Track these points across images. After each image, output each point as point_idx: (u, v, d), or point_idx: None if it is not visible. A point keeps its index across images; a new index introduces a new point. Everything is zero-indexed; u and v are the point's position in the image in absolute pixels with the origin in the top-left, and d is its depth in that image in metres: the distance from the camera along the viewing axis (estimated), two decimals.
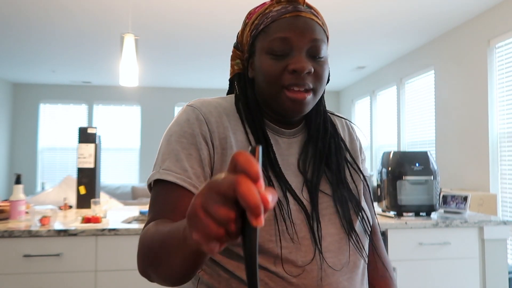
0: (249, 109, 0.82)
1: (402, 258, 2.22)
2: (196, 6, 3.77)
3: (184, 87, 7.90)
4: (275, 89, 0.77)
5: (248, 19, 0.84)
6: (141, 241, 0.67)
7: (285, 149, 0.83)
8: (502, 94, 3.67)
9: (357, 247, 0.79)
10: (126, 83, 3.04)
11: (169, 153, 0.76)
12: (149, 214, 0.75)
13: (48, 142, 7.64)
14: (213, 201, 0.39)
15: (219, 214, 0.39)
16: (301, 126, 0.87)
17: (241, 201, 0.37)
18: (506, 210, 3.61)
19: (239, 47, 0.88)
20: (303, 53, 0.76)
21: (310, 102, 0.78)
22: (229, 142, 0.78)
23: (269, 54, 0.77)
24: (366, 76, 6.78)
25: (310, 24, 0.77)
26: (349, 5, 3.73)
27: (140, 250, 0.67)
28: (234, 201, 0.39)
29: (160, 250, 0.59)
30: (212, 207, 0.39)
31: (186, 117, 0.79)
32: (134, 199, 6.43)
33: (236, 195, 0.38)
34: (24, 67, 6.24)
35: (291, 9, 0.78)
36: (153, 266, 0.63)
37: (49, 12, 3.92)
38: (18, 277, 1.96)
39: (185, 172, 0.73)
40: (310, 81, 0.77)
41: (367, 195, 0.91)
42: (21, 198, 2.26)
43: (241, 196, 0.37)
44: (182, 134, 0.77)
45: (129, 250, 2.05)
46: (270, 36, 0.77)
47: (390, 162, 2.32)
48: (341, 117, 0.95)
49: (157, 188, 0.75)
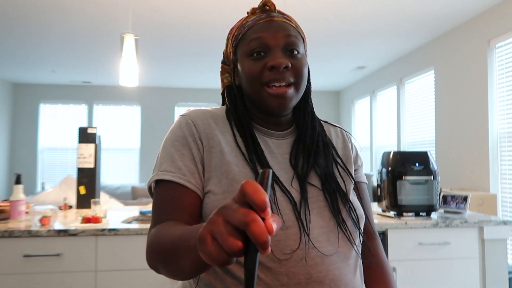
0: (237, 114, 0.87)
1: (402, 258, 2.22)
2: (196, 6, 3.77)
3: (184, 87, 7.90)
4: (257, 87, 0.82)
5: (230, 34, 0.91)
6: (151, 239, 0.72)
7: (275, 148, 0.86)
8: (502, 94, 3.67)
9: (347, 237, 0.80)
10: (126, 83, 3.04)
11: (164, 157, 0.82)
12: (154, 214, 0.80)
13: (48, 142, 7.64)
14: (222, 231, 0.44)
15: (227, 243, 0.43)
16: (291, 129, 0.90)
17: (252, 238, 0.42)
18: (506, 210, 3.61)
19: (226, 62, 0.94)
20: (279, 51, 0.82)
21: (293, 96, 0.83)
22: (216, 140, 0.83)
23: (249, 56, 0.83)
24: (366, 76, 6.78)
25: (283, 25, 0.84)
26: (350, 5, 3.73)
27: (151, 247, 0.71)
28: (242, 231, 0.44)
29: (171, 251, 0.64)
30: (220, 236, 0.44)
31: (178, 125, 0.86)
32: (134, 199, 6.42)
33: (246, 231, 0.42)
34: (24, 67, 6.24)
35: (265, 16, 0.85)
36: (163, 263, 0.67)
37: (49, 12, 3.92)
38: (18, 277, 1.96)
39: (179, 170, 0.80)
40: (290, 76, 0.81)
41: (364, 199, 0.93)
42: (21, 198, 2.26)
43: (252, 235, 0.42)
44: (175, 139, 0.83)
45: (129, 250, 2.05)
46: (248, 40, 0.84)
47: (390, 162, 2.32)
48: (336, 126, 0.99)
49: (158, 189, 0.81)
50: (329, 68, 6.22)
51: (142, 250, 2.06)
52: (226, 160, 0.80)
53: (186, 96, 7.92)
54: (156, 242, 0.70)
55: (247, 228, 0.42)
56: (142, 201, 5.51)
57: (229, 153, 0.82)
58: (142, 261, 2.06)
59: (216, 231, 0.44)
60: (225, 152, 0.81)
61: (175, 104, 7.90)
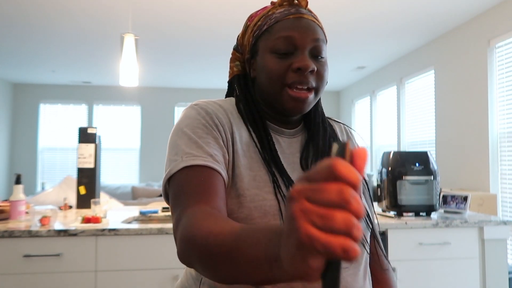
0: (250, 109, 0.83)
1: (402, 258, 2.22)
2: (196, 6, 3.77)
3: (184, 87, 7.90)
4: (278, 87, 0.79)
5: (249, 22, 0.86)
6: (188, 237, 0.59)
7: (286, 148, 0.84)
8: (502, 94, 3.67)
9: (361, 240, 0.79)
10: (126, 83, 3.04)
11: (186, 144, 0.74)
12: (182, 199, 0.68)
13: (48, 142, 7.64)
14: (326, 213, 0.34)
15: (339, 219, 0.34)
16: (300, 127, 0.88)
17: (354, 214, 0.34)
18: (506, 210, 3.61)
19: (239, 49, 0.90)
20: (306, 52, 0.78)
21: (311, 101, 0.80)
22: (235, 137, 0.79)
23: (273, 53, 0.79)
24: (366, 76, 6.77)
25: (313, 25, 0.80)
26: (349, 5, 3.73)
27: (189, 245, 0.59)
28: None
29: (222, 256, 0.52)
30: (328, 217, 0.34)
31: (196, 112, 0.79)
32: (134, 199, 6.42)
33: (347, 207, 0.34)
34: (24, 67, 6.24)
35: (294, 11, 0.80)
36: (205, 265, 0.56)
37: (49, 12, 3.92)
38: (18, 277, 1.96)
39: (211, 157, 0.72)
40: (313, 80, 0.79)
41: (366, 196, 0.92)
42: (21, 198, 2.25)
43: (354, 211, 0.34)
44: (195, 125, 0.76)
45: (129, 250, 2.05)
46: (274, 35, 0.79)
47: (390, 162, 2.32)
48: (339, 122, 0.97)
49: (183, 176, 0.70)
50: (329, 68, 6.22)
51: (142, 250, 2.06)
52: (241, 162, 0.77)
53: (186, 96, 7.92)
54: (197, 241, 0.57)
55: (348, 204, 0.33)
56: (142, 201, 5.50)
57: (244, 154, 0.78)
58: (142, 261, 2.06)
59: (314, 211, 0.34)
60: (240, 153, 0.78)
61: (175, 104, 7.90)
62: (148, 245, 2.06)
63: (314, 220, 0.34)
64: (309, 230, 0.34)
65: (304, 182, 0.36)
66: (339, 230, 0.33)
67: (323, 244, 0.33)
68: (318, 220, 0.34)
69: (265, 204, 0.74)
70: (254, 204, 0.74)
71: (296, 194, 0.35)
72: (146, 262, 2.05)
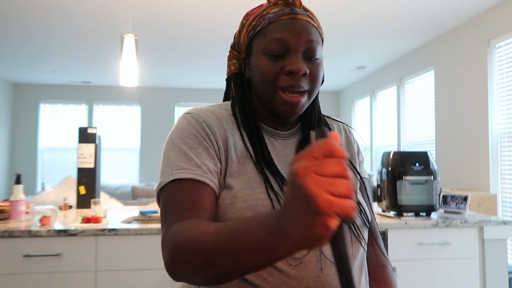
0: (244, 112, 0.83)
1: (402, 258, 2.22)
2: (196, 6, 3.77)
3: (184, 87, 7.90)
4: (271, 89, 0.79)
5: (245, 20, 0.85)
6: (178, 241, 0.62)
7: (281, 150, 0.84)
8: (502, 94, 3.67)
9: (356, 236, 0.80)
10: (126, 83, 3.04)
11: (176, 155, 0.75)
12: (170, 213, 0.71)
13: (48, 142, 7.64)
14: (329, 179, 0.42)
15: (343, 183, 0.42)
16: (297, 128, 0.88)
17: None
18: (506, 210, 3.61)
19: (236, 48, 0.89)
20: (299, 54, 0.77)
21: (304, 104, 0.80)
22: (229, 144, 0.80)
23: (266, 54, 0.79)
24: (366, 76, 6.77)
25: (306, 26, 0.79)
26: (349, 5, 3.73)
27: (181, 251, 0.61)
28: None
29: (226, 249, 0.54)
30: (332, 181, 0.42)
31: (187, 122, 0.80)
32: (134, 199, 6.42)
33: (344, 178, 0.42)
34: (24, 67, 6.24)
35: (288, 12, 0.79)
36: (203, 267, 0.57)
37: (49, 12, 3.92)
38: (18, 277, 1.96)
39: (199, 168, 0.74)
40: (305, 83, 0.78)
41: (365, 195, 0.92)
42: (21, 198, 2.26)
43: (350, 178, 0.43)
44: (187, 136, 0.78)
45: (129, 250, 2.05)
46: (267, 37, 0.79)
47: (390, 162, 2.32)
48: (338, 121, 0.97)
49: (171, 189, 0.73)
50: (329, 68, 6.22)
51: (142, 250, 2.06)
52: (235, 168, 0.78)
53: (186, 96, 7.92)
54: (190, 242, 0.59)
55: (346, 172, 0.42)
56: (142, 201, 5.51)
57: (238, 159, 0.79)
58: (142, 261, 2.06)
59: (325, 181, 0.42)
60: (234, 159, 0.79)
61: (175, 104, 7.90)
62: (148, 245, 2.06)
63: (328, 188, 0.41)
64: (326, 196, 0.41)
65: (300, 162, 0.43)
66: (345, 194, 0.42)
67: (340, 205, 0.41)
68: (331, 188, 0.41)
69: (258, 203, 0.74)
70: (246, 204, 0.74)
71: (303, 171, 0.42)
72: (146, 262, 2.05)
